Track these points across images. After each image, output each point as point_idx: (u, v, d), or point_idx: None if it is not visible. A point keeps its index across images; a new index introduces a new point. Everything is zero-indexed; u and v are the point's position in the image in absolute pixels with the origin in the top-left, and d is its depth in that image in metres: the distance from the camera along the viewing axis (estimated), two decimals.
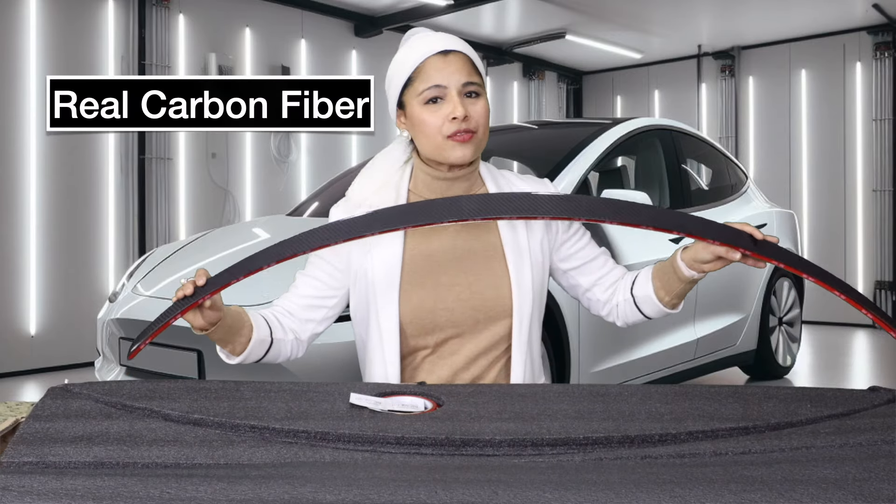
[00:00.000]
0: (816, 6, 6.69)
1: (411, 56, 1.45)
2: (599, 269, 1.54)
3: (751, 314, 4.26)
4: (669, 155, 4.04)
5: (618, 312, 1.53)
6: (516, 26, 7.37)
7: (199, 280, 1.26)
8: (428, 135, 1.43)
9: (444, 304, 1.43)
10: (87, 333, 4.71)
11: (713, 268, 1.35)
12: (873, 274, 7.19)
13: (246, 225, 3.62)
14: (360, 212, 1.47)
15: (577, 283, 1.55)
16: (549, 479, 0.84)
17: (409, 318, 1.43)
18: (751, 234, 1.27)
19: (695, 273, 1.38)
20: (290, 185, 6.43)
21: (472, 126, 1.42)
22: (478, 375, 1.45)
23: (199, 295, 1.25)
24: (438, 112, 1.42)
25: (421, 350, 1.45)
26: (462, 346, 1.44)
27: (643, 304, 1.49)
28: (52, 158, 5.13)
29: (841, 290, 1.26)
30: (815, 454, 0.94)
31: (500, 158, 4.93)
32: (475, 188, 1.51)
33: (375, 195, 1.49)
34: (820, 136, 7.52)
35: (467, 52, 1.46)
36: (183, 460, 0.90)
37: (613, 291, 1.53)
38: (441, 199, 1.30)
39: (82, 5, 5.31)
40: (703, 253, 1.33)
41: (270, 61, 6.30)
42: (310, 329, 1.50)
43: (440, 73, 1.42)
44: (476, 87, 1.44)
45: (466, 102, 1.42)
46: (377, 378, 1.45)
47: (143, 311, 2.86)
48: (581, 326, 3.03)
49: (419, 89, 1.43)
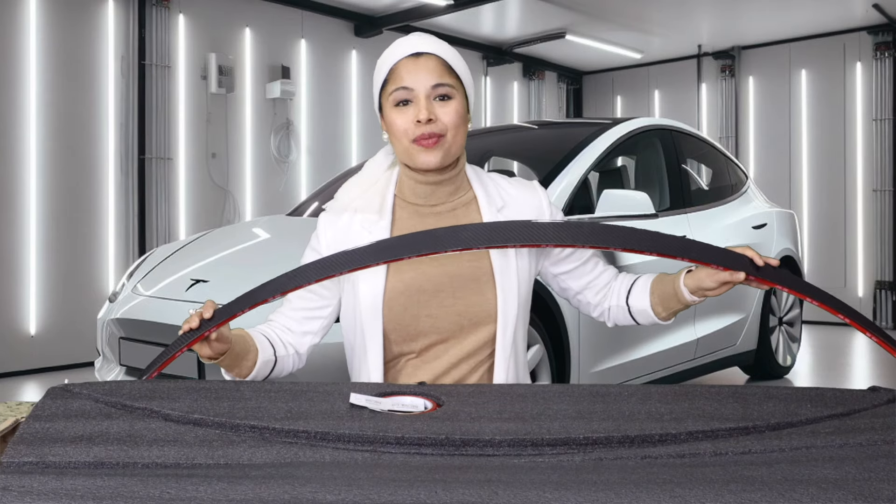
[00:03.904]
0: (816, 6, 6.69)
1: (387, 59, 1.45)
2: (590, 273, 1.53)
3: (751, 314, 4.26)
4: (669, 155, 4.04)
5: (609, 315, 1.54)
6: (516, 26, 7.37)
7: (206, 312, 1.26)
8: (397, 137, 1.43)
9: (427, 310, 1.42)
10: (87, 333, 4.71)
11: (716, 294, 1.36)
12: (873, 274, 7.19)
13: (246, 225, 3.61)
14: (346, 216, 1.48)
15: (567, 286, 1.55)
16: (549, 479, 0.84)
17: (393, 325, 1.42)
18: (751, 259, 1.28)
19: (696, 298, 1.40)
20: (290, 185, 6.43)
21: (438, 129, 1.40)
22: (459, 379, 1.44)
23: (205, 328, 1.25)
24: (406, 115, 1.41)
25: (406, 355, 1.45)
26: (446, 352, 1.44)
27: (638, 314, 1.50)
28: (52, 158, 5.13)
29: (843, 312, 1.27)
30: (815, 454, 0.94)
31: (501, 158, 4.93)
32: (461, 192, 1.50)
33: (360, 199, 1.49)
34: (820, 136, 7.52)
35: (440, 54, 1.43)
36: (183, 460, 0.90)
37: (605, 294, 1.53)
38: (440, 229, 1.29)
39: (82, 5, 5.31)
40: (707, 281, 1.34)
41: (270, 61, 6.30)
42: (308, 341, 1.51)
43: (410, 76, 1.41)
44: (448, 88, 1.42)
45: (435, 105, 1.40)
46: (362, 381, 1.45)
47: (143, 311, 2.86)
48: (581, 326, 3.03)
49: (389, 91, 1.43)
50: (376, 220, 1.47)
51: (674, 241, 1.28)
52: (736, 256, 1.28)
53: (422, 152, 1.41)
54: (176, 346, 1.25)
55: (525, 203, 1.51)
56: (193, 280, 2.84)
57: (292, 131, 6.41)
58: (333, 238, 1.48)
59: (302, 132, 6.50)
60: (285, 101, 6.34)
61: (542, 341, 2.87)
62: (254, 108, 6.21)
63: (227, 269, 2.92)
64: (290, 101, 6.37)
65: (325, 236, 1.49)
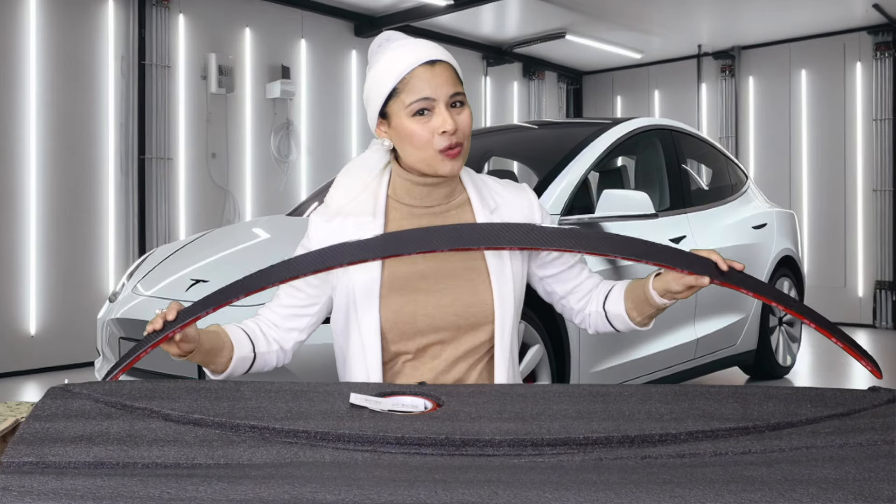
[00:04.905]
0: (816, 6, 6.68)
1: (396, 66, 1.42)
2: (576, 278, 1.55)
3: (751, 314, 4.26)
4: (669, 155, 4.04)
5: (590, 322, 1.55)
6: (516, 26, 7.37)
7: (170, 314, 1.28)
8: (417, 147, 1.42)
9: (424, 309, 1.42)
10: (87, 333, 4.71)
11: (685, 296, 1.38)
12: (873, 274, 7.19)
13: (246, 225, 3.61)
14: (339, 220, 1.48)
15: (552, 290, 1.57)
16: (549, 479, 0.84)
17: (390, 325, 1.42)
18: (716, 263, 1.30)
19: (666, 301, 1.41)
20: (290, 185, 6.43)
21: (460, 139, 1.41)
22: (459, 378, 1.45)
23: (168, 329, 1.27)
24: (427, 124, 1.40)
25: (402, 355, 1.45)
26: (443, 351, 1.44)
27: (615, 320, 1.52)
28: (52, 158, 5.13)
29: (804, 313, 1.31)
30: (815, 454, 0.94)
31: (500, 158, 4.93)
32: (456, 193, 1.51)
33: (354, 202, 1.48)
34: (820, 136, 7.52)
35: (452, 62, 1.45)
36: (183, 460, 0.90)
37: (587, 301, 1.55)
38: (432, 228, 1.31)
39: (82, 5, 5.31)
40: (673, 284, 1.36)
41: (270, 61, 6.30)
42: (293, 338, 1.51)
43: (429, 85, 1.40)
44: (461, 97, 1.43)
45: (453, 113, 1.41)
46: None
47: (142, 311, 2.86)
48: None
49: (406, 101, 1.41)
50: (370, 222, 1.46)
51: (640, 244, 1.30)
52: (701, 261, 1.30)
53: (447, 161, 1.41)
54: (139, 348, 1.28)
55: (516, 205, 1.53)
56: (193, 280, 2.84)
57: (292, 131, 6.41)
58: (326, 239, 1.46)
59: (302, 132, 6.50)
60: (285, 101, 6.34)
61: (542, 341, 2.87)
62: (254, 108, 6.21)
63: (227, 269, 2.92)
64: (290, 101, 6.37)
65: (318, 237, 1.48)
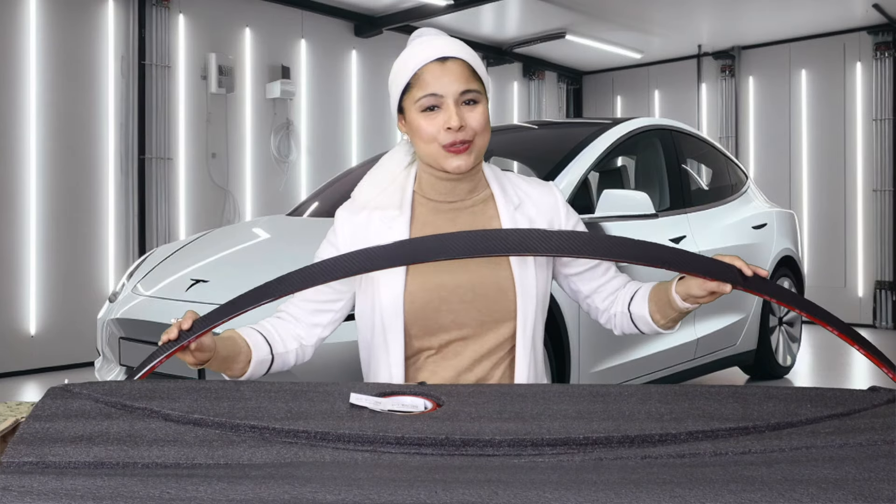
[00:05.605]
0: (816, 6, 6.68)
1: (410, 62, 1.43)
2: (601, 277, 1.54)
3: (751, 314, 4.26)
4: (669, 155, 4.04)
5: (615, 322, 1.55)
6: (516, 26, 7.37)
7: (185, 324, 1.26)
8: (425, 142, 1.43)
9: (448, 305, 1.43)
10: (87, 333, 4.71)
11: (707, 301, 1.38)
12: (873, 274, 7.19)
13: (246, 225, 3.61)
14: (365, 213, 1.49)
15: (577, 288, 1.56)
16: (549, 479, 0.84)
17: (414, 320, 1.43)
18: (740, 270, 1.29)
19: (689, 305, 1.41)
20: (290, 185, 6.43)
21: (468, 136, 1.41)
22: (482, 377, 1.45)
23: (183, 339, 1.26)
24: (435, 121, 1.41)
25: (425, 351, 1.45)
26: (466, 348, 1.44)
27: (639, 321, 1.51)
28: (52, 158, 5.13)
29: (833, 324, 1.29)
30: (815, 454, 0.93)
31: (501, 158, 4.93)
32: (479, 189, 1.51)
33: (381, 196, 1.49)
34: (820, 136, 7.52)
35: (466, 58, 1.44)
36: (183, 460, 0.90)
37: (613, 300, 1.54)
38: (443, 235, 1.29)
39: (82, 5, 5.31)
40: (696, 289, 1.36)
41: (270, 61, 6.30)
42: (316, 334, 1.51)
43: (438, 82, 1.41)
44: (474, 94, 1.43)
45: (464, 110, 1.41)
46: (381, 378, 1.46)
47: (143, 310, 2.86)
48: (581, 327, 3.03)
49: (416, 97, 1.42)
50: (396, 216, 1.47)
51: (665, 251, 1.29)
52: (725, 267, 1.29)
53: (452, 158, 1.41)
54: (155, 357, 1.26)
55: (541, 202, 1.53)
56: (193, 280, 2.84)
57: (292, 131, 6.41)
58: (352, 233, 1.48)
59: (302, 132, 6.50)
60: (285, 101, 6.34)
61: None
62: (254, 108, 6.21)
63: (227, 269, 2.92)
64: (290, 101, 6.37)
65: (343, 231, 1.50)
